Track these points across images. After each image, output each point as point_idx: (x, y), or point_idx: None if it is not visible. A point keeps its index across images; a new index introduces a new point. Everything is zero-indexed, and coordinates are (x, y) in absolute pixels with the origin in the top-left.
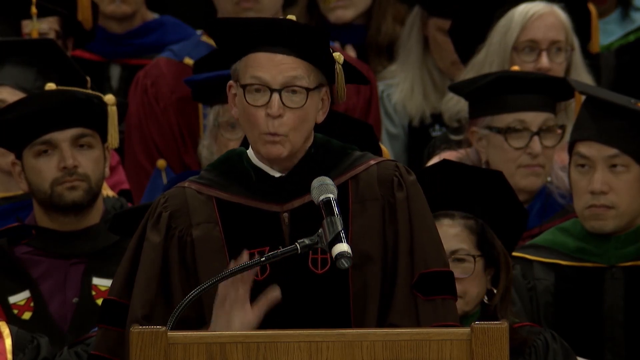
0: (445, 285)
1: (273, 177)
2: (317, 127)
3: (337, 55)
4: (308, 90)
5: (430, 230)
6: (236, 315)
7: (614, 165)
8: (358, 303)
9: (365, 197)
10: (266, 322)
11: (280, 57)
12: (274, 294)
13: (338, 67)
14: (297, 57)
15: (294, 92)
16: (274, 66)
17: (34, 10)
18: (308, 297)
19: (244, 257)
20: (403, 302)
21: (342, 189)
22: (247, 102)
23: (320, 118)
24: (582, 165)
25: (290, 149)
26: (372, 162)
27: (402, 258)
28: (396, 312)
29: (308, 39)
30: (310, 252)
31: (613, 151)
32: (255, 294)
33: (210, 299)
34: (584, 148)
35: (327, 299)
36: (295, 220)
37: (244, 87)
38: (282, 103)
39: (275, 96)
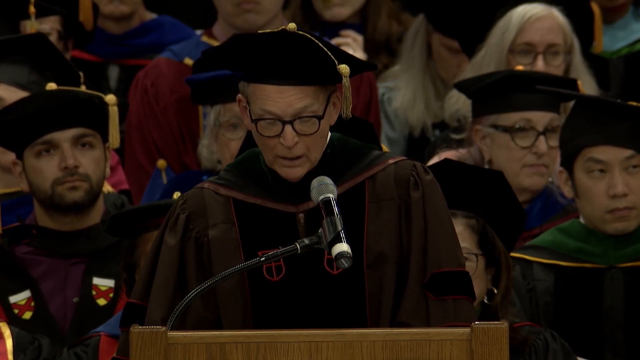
0: (458, 285)
1: None
2: None
3: (343, 67)
4: (319, 117)
5: (446, 230)
6: None
7: (630, 167)
8: (374, 303)
9: (382, 197)
10: (283, 323)
11: (287, 89)
12: None
13: (345, 82)
14: (304, 84)
15: (305, 120)
16: (282, 99)
17: (32, 9)
18: (324, 298)
19: None
20: (413, 301)
21: (358, 189)
22: (260, 134)
23: (334, 119)
24: (596, 170)
25: (308, 167)
26: (391, 161)
27: (414, 257)
28: (406, 311)
29: (314, 67)
30: (326, 252)
31: (629, 152)
32: (271, 294)
33: (225, 300)
34: (597, 153)
35: (343, 299)
36: (311, 220)
37: (255, 120)
38: (295, 132)
39: (288, 128)
